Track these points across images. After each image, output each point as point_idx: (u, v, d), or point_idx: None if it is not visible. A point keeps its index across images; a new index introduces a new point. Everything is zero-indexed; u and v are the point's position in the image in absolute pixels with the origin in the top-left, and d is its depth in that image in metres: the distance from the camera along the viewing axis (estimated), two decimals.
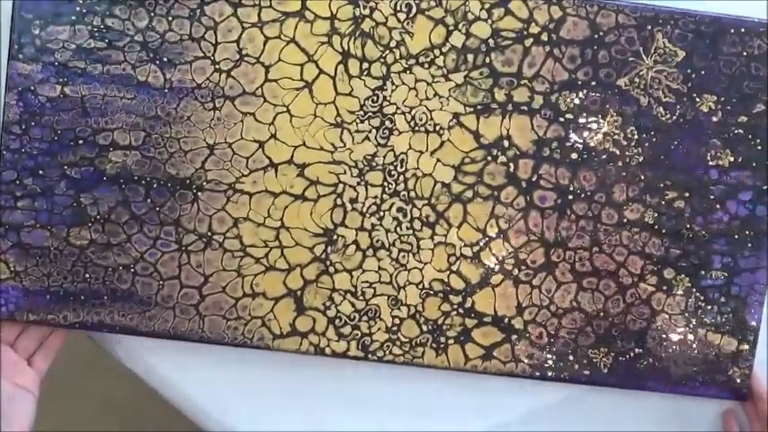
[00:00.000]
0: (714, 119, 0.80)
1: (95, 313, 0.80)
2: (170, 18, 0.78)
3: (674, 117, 0.80)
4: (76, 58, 0.78)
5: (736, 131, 0.80)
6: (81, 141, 0.78)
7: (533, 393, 0.86)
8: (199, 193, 0.79)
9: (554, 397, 0.87)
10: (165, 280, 0.80)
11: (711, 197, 0.81)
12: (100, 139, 0.78)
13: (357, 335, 0.81)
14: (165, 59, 0.78)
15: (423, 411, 0.87)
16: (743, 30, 0.79)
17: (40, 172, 0.78)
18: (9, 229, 0.78)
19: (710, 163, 0.81)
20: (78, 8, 0.77)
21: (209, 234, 0.80)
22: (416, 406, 0.87)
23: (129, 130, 0.78)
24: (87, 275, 0.79)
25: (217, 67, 0.78)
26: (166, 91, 0.78)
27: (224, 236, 0.80)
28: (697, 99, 0.80)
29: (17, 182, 0.78)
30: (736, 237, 0.81)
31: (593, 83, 0.79)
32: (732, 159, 0.80)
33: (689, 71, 0.80)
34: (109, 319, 0.80)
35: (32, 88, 0.77)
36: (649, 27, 0.79)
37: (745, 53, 0.79)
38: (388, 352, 0.82)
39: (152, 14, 0.78)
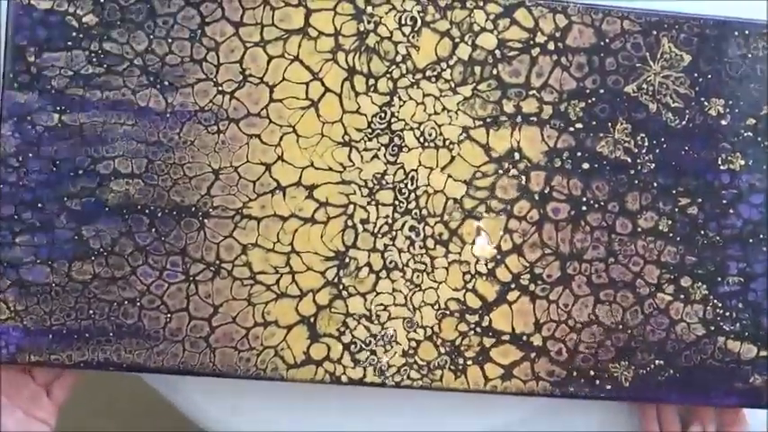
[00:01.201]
0: (723, 122, 0.79)
1: (101, 351, 0.76)
2: (170, 40, 0.75)
3: (684, 122, 0.79)
4: (74, 84, 0.75)
5: (745, 134, 0.80)
6: (81, 171, 0.75)
7: None
8: (205, 221, 0.76)
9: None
10: (172, 313, 0.76)
11: (724, 202, 0.80)
12: (101, 169, 0.75)
13: (373, 360, 0.79)
14: (166, 83, 0.75)
15: (422, 411, 0.85)
16: (747, 32, 0.79)
17: (39, 205, 0.75)
18: (8, 267, 0.75)
19: (721, 167, 0.80)
20: (74, 33, 0.74)
21: (218, 262, 0.77)
22: (416, 406, 0.85)
23: (130, 157, 0.75)
24: (91, 312, 0.76)
25: (220, 88, 0.76)
26: (168, 115, 0.76)
27: (233, 263, 0.77)
28: (705, 103, 0.79)
29: (15, 216, 0.75)
30: (750, 241, 0.80)
31: (602, 90, 0.79)
32: (743, 163, 0.80)
33: (696, 75, 0.79)
34: (115, 357, 0.76)
35: (29, 118, 0.74)
36: (654, 32, 0.79)
37: (749, 55, 0.79)
38: (405, 377, 0.79)
39: (151, 37, 0.75)
